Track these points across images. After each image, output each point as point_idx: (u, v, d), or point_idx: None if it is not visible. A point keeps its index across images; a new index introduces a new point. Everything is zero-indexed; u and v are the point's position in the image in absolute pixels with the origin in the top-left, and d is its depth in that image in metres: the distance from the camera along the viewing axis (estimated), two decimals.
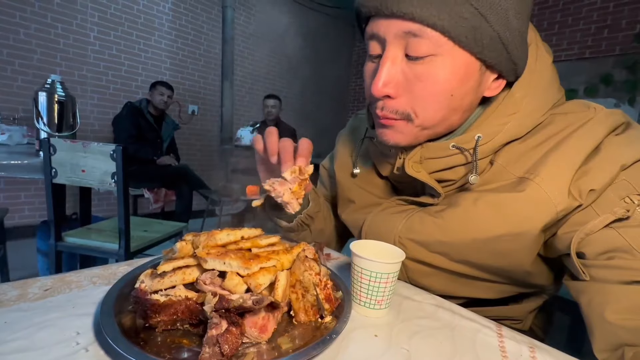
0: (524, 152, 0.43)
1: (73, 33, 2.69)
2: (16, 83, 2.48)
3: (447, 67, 0.38)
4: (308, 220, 0.58)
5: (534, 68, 0.43)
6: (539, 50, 0.44)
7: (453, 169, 0.45)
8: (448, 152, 0.44)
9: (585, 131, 0.40)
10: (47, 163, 1.19)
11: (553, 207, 0.38)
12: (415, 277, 0.51)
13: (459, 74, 0.38)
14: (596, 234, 0.36)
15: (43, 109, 1.35)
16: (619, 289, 0.35)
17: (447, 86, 0.39)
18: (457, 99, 0.40)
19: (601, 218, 0.36)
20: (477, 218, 0.42)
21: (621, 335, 0.33)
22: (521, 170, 0.42)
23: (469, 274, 0.47)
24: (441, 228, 0.45)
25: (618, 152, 0.38)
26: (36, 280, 0.40)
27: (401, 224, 0.49)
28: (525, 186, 0.40)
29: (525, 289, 0.49)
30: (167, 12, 3.20)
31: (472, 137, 0.42)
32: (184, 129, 3.38)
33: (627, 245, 0.34)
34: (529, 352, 0.35)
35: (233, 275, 0.32)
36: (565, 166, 0.39)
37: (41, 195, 2.65)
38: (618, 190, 0.37)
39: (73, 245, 1.30)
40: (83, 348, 0.29)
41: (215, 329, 0.29)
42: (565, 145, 0.40)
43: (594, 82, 3.20)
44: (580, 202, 0.38)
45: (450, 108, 0.41)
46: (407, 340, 0.35)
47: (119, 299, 0.34)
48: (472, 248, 0.44)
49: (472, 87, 0.40)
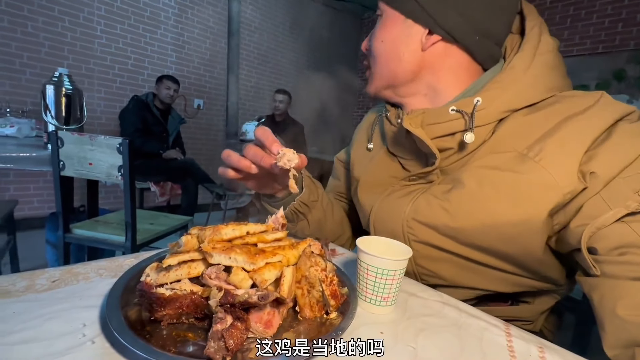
0: (527, 126, 0.43)
1: (80, 26, 2.70)
2: (24, 76, 2.50)
3: (380, 22, 0.51)
4: (303, 208, 0.58)
5: (536, 45, 0.45)
6: (543, 33, 0.46)
7: (454, 136, 0.47)
8: (448, 116, 0.46)
9: (593, 114, 0.40)
10: (55, 156, 1.21)
11: (559, 190, 0.38)
12: (424, 263, 0.51)
13: (385, 25, 0.50)
14: (608, 229, 0.36)
15: (51, 102, 1.36)
16: (631, 285, 0.34)
17: (378, 35, 0.51)
18: (388, 45, 0.50)
19: (613, 212, 0.35)
20: (483, 201, 0.43)
21: (631, 331, 0.33)
22: (523, 144, 0.42)
23: (479, 260, 0.46)
24: (449, 212, 0.45)
25: (632, 140, 0.37)
26: (44, 271, 0.40)
27: (408, 207, 0.50)
28: (529, 167, 0.40)
29: (538, 282, 0.48)
30: (172, 6, 3.19)
31: (471, 102, 0.44)
32: (190, 123, 3.39)
33: (639, 240, 0.34)
34: (538, 352, 0.34)
35: (238, 270, 0.32)
36: (572, 148, 0.39)
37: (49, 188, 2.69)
38: (632, 184, 0.36)
39: (81, 236, 1.32)
40: (89, 340, 0.29)
41: (221, 324, 0.28)
42: (571, 126, 0.40)
43: (606, 77, 3.12)
44: (586, 185, 0.38)
45: (386, 54, 0.51)
46: (413, 337, 0.35)
47: (125, 291, 0.35)
48: (480, 232, 0.44)
49: (399, 36, 0.49)
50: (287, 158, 0.41)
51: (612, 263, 0.35)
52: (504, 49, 0.51)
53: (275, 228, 0.42)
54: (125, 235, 1.26)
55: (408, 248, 0.41)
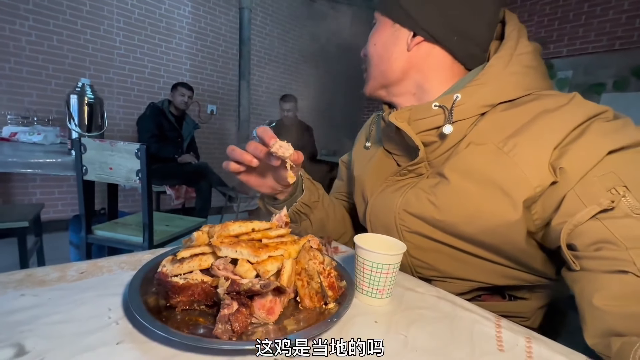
0: (504, 120, 0.46)
1: (100, 38, 2.84)
2: (50, 87, 2.65)
3: (374, 28, 0.57)
4: (305, 209, 0.61)
5: (513, 46, 0.49)
6: (521, 37, 0.50)
7: (438, 130, 0.50)
8: (432, 112, 0.50)
9: (565, 111, 0.42)
10: (78, 161, 1.28)
11: (528, 184, 0.41)
12: (418, 255, 0.53)
13: (377, 30, 0.56)
14: (584, 226, 0.37)
15: (74, 110, 1.45)
16: (606, 277, 0.35)
17: (371, 39, 0.57)
18: (379, 48, 0.55)
19: (588, 209, 0.37)
20: (464, 194, 0.46)
21: (608, 320, 0.34)
22: (499, 138, 0.45)
23: (469, 251, 0.49)
24: (435, 205, 0.48)
25: (604, 138, 0.39)
26: (73, 264, 0.45)
27: (399, 200, 0.53)
28: (503, 161, 0.43)
29: (529, 274, 0.49)
30: (187, 15, 3.31)
31: (451, 97, 0.48)
32: (204, 128, 3.49)
33: (612, 236, 0.35)
34: (525, 342, 0.36)
35: (244, 262, 0.36)
36: (542, 143, 0.41)
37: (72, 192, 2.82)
38: (605, 182, 0.37)
39: (102, 237, 1.39)
40: (114, 322, 0.33)
41: (227, 309, 0.32)
42: (543, 122, 0.42)
43: (624, 74, 3.03)
44: (556, 179, 0.40)
45: (378, 56, 0.56)
46: (405, 327, 0.37)
47: (144, 281, 0.39)
48: (464, 224, 0.47)
49: (388, 39, 0.54)
50: (280, 145, 0.45)
51: (589, 258, 0.37)
52: (489, 53, 0.54)
53: (279, 226, 0.45)
54: (142, 236, 1.33)
55: (402, 244, 0.43)
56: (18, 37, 2.47)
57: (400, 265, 0.43)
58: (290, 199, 0.61)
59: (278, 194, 0.60)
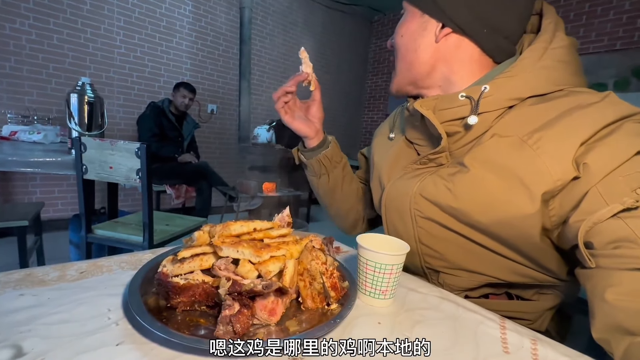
0: (532, 114, 0.45)
1: (101, 37, 2.83)
2: (50, 85, 2.64)
3: (402, 19, 0.56)
4: (326, 162, 0.68)
5: (549, 39, 0.47)
6: (558, 30, 0.48)
7: (462, 120, 0.49)
8: (458, 102, 0.49)
9: (596, 109, 0.41)
10: (78, 160, 1.28)
11: (549, 177, 0.40)
12: (428, 242, 0.53)
13: (405, 20, 0.55)
14: (604, 224, 0.37)
15: (74, 109, 1.44)
16: (621, 274, 0.35)
17: (399, 30, 0.56)
18: (406, 39, 0.54)
19: (609, 207, 0.36)
20: (483, 184, 0.45)
21: (617, 315, 0.34)
22: (524, 131, 0.44)
23: (480, 242, 0.48)
24: (452, 192, 0.48)
25: (634, 138, 0.38)
26: (73, 264, 0.44)
27: (416, 186, 0.53)
28: (526, 154, 0.42)
29: (539, 272, 0.49)
30: (187, 15, 3.30)
31: (479, 89, 0.47)
32: (204, 128, 3.48)
33: (633, 234, 0.35)
34: (531, 344, 0.36)
35: (245, 262, 0.35)
36: (568, 138, 0.40)
37: (72, 191, 2.82)
38: (630, 182, 0.37)
39: (102, 237, 1.39)
40: (114, 322, 0.33)
41: (229, 310, 0.31)
42: (573, 118, 0.41)
43: (625, 75, 3.02)
44: (578, 174, 0.39)
45: (405, 47, 0.55)
46: (409, 328, 0.37)
47: (144, 282, 0.38)
48: (479, 213, 0.46)
49: (416, 30, 0.53)
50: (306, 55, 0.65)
51: (606, 256, 0.37)
52: (521, 46, 0.53)
53: (281, 226, 0.45)
54: (142, 235, 1.32)
55: (406, 244, 0.43)
56: (18, 36, 2.46)
57: (409, 254, 0.42)
58: (317, 150, 0.67)
59: (309, 141, 0.67)
